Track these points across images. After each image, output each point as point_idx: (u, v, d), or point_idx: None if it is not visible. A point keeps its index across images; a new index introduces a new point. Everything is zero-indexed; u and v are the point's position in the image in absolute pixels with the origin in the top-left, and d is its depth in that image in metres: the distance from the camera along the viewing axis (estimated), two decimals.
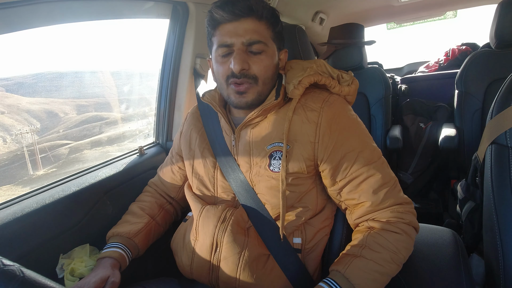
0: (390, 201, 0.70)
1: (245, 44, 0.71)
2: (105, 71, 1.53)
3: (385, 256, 0.66)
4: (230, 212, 0.75)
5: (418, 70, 2.70)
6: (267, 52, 0.73)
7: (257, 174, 0.75)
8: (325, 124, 0.71)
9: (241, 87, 0.72)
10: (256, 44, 0.71)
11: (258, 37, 0.71)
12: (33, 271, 0.46)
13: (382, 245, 0.67)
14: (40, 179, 1.40)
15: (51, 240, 0.82)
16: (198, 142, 0.86)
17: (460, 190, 1.09)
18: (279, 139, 0.73)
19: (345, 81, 0.78)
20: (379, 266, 0.65)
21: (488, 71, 1.60)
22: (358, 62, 1.90)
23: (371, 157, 0.71)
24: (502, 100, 0.76)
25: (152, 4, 1.14)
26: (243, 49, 0.71)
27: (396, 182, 0.73)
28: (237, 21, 0.70)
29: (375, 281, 0.64)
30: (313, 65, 0.78)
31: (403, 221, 0.69)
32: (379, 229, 0.69)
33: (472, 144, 1.65)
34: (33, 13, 0.79)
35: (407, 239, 0.68)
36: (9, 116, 1.37)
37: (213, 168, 0.81)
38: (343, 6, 2.04)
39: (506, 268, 0.72)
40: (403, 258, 0.68)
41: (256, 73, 0.72)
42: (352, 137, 0.72)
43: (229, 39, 0.71)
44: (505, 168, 0.73)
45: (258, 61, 0.72)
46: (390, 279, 0.67)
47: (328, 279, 0.66)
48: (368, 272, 0.64)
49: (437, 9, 2.42)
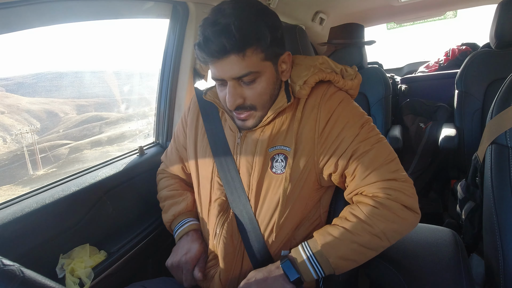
0: (380, 176, 0.69)
1: (234, 79, 0.69)
2: (105, 71, 1.53)
3: (357, 225, 0.67)
4: (220, 225, 0.77)
5: (418, 70, 2.70)
6: (260, 78, 0.70)
7: (257, 175, 0.74)
8: (323, 119, 0.72)
9: (241, 116, 0.73)
10: (245, 76, 0.68)
11: (245, 70, 0.67)
12: (33, 271, 0.46)
13: (355, 215, 0.69)
14: (40, 179, 1.40)
15: (51, 240, 0.82)
16: (200, 139, 0.86)
17: (460, 190, 1.09)
18: (281, 142, 0.74)
19: (349, 75, 0.78)
20: (350, 234, 0.67)
21: (488, 71, 1.60)
22: (358, 62, 1.90)
23: (366, 135, 0.72)
24: (502, 100, 0.76)
25: (152, 4, 1.14)
26: (234, 84, 0.69)
27: (394, 159, 0.73)
28: (218, 59, 0.66)
29: (343, 246, 0.67)
30: (316, 62, 0.78)
31: (389, 197, 0.68)
32: (362, 203, 0.70)
33: (472, 144, 1.66)
34: (33, 13, 0.79)
35: (387, 214, 0.67)
36: (9, 116, 1.37)
37: (211, 166, 0.81)
38: (343, 6, 2.04)
39: (506, 268, 0.72)
40: (380, 231, 0.67)
41: (253, 102, 0.71)
42: (349, 124, 0.72)
43: (219, 76, 0.69)
44: (505, 168, 0.73)
45: (252, 91, 0.70)
46: (369, 252, 0.68)
47: (304, 242, 0.71)
48: (337, 238, 0.67)
49: (437, 9, 2.42)
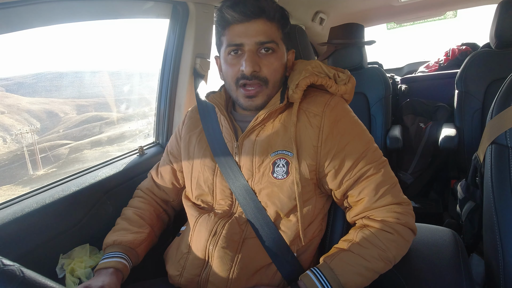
0: (388, 200, 0.70)
1: (256, 45, 0.71)
2: (105, 71, 1.53)
3: (373, 252, 0.67)
4: (222, 224, 0.74)
5: (418, 70, 2.69)
6: (277, 53, 0.73)
7: (259, 181, 0.74)
8: (327, 128, 0.72)
9: (251, 91, 0.73)
10: (268, 43, 0.71)
11: (269, 38, 0.71)
12: (33, 271, 0.46)
13: (371, 242, 0.68)
14: (40, 179, 1.40)
15: (51, 240, 0.82)
16: (197, 149, 0.83)
17: (460, 190, 1.09)
18: (283, 147, 0.73)
19: (341, 80, 0.78)
20: (365, 261, 0.66)
21: (488, 71, 1.60)
22: (358, 62, 1.90)
23: (373, 157, 0.72)
24: (502, 100, 0.76)
25: (152, 4, 1.14)
26: (253, 50, 0.71)
27: (396, 182, 0.73)
28: (248, 22, 0.70)
29: (359, 274, 0.66)
30: (308, 66, 0.78)
31: (399, 222, 0.69)
32: (372, 227, 0.70)
33: (472, 144, 1.66)
34: (33, 13, 0.79)
35: (399, 239, 0.68)
36: (9, 116, 1.37)
37: (212, 174, 0.79)
38: (343, 6, 2.04)
39: (506, 268, 0.72)
40: (392, 257, 0.68)
41: (267, 75, 0.72)
42: (354, 139, 0.72)
43: (240, 40, 0.71)
44: (505, 168, 0.73)
45: (268, 63, 0.72)
46: (377, 275, 0.68)
47: (315, 268, 0.68)
48: (352, 265, 0.66)
49: (437, 9, 2.42)
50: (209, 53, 1.35)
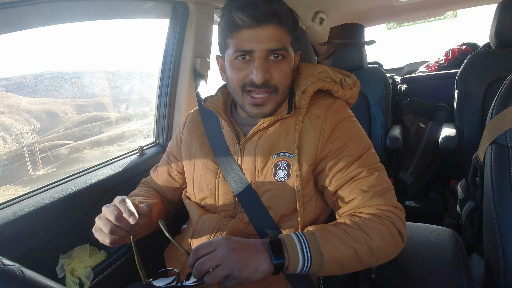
0: (380, 201, 0.68)
1: (266, 52, 0.67)
2: (105, 71, 1.53)
3: (358, 234, 0.64)
4: (225, 223, 0.74)
5: (418, 70, 2.70)
6: (287, 60, 0.71)
7: (261, 183, 0.74)
8: (328, 130, 0.72)
9: (259, 100, 0.71)
10: (279, 50, 0.68)
11: (280, 44, 0.68)
12: (33, 271, 0.46)
13: (358, 225, 0.65)
14: (40, 179, 1.40)
15: (51, 240, 0.82)
16: (199, 151, 0.83)
17: (460, 190, 1.09)
18: (285, 149, 0.73)
19: (347, 85, 0.78)
20: (349, 237, 0.63)
21: (488, 71, 1.60)
22: (358, 62, 1.90)
23: (367, 161, 0.71)
24: (502, 100, 0.76)
25: (152, 4, 1.14)
26: (264, 57, 0.68)
27: (391, 189, 0.71)
28: (258, 27, 0.65)
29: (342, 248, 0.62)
30: (315, 71, 0.77)
31: (389, 219, 0.67)
32: (362, 217, 0.67)
33: (472, 144, 1.66)
34: (33, 13, 0.79)
35: (386, 233, 0.65)
36: (9, 116, 1.37)
37: (214, 176, 0.79)
38: (343, 6, 2.04)
39: (506, 268, 0.72)
40: (376, 248, 0.64)
41: (277, 82, 0.70)
42: (352, 142, 0.72)
43: (250, 46, 0.67)
44: (505, 168, 0.73)
45: (279, 70, 0.69)
46: (357, 259, 0.63)
47: (298, 232, 0.65)
48: (336, 236, 0.63)
49: (437, 9, 2.42)
50: (209, 53, 1.35)
